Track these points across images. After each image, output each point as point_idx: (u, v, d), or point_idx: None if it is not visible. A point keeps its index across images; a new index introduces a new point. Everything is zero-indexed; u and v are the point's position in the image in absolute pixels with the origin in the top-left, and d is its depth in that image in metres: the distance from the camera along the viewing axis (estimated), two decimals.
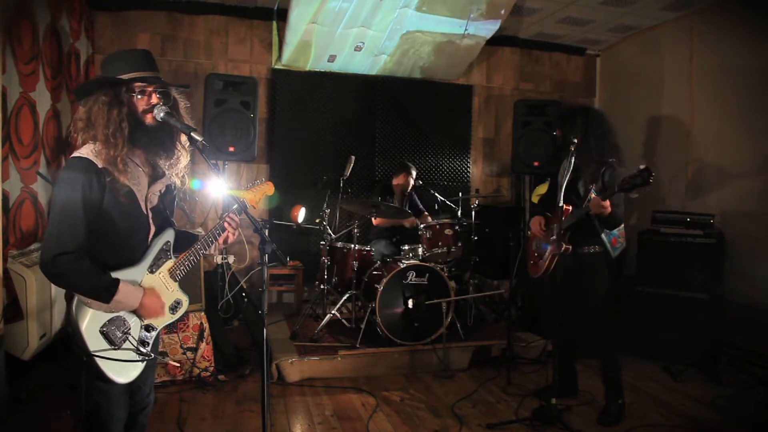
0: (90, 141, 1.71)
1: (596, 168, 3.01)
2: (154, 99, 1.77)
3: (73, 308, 1.69)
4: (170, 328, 3.44)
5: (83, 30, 4.54)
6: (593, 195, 2.83)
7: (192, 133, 1.74)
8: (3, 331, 2.88)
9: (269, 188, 2.15)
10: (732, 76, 4.49)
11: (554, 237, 2.98)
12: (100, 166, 1.67)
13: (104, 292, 1.66)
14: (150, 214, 1.84)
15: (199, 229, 4.69)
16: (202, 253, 1.92)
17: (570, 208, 2.98)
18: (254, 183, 2.13)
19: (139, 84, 1.74)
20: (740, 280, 4.26)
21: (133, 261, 1.79)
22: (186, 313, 3.45)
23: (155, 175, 1.86)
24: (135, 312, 1.78)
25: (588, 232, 3.03)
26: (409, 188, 4.86)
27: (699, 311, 3.98)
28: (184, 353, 3.47)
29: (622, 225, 3.11)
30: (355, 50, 5.03)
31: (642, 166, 2.61)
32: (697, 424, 3.12)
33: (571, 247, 2.94)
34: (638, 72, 5.56)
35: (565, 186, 2.94)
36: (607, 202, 2.75)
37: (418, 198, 5.02)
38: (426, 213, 4.88)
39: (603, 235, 3.07)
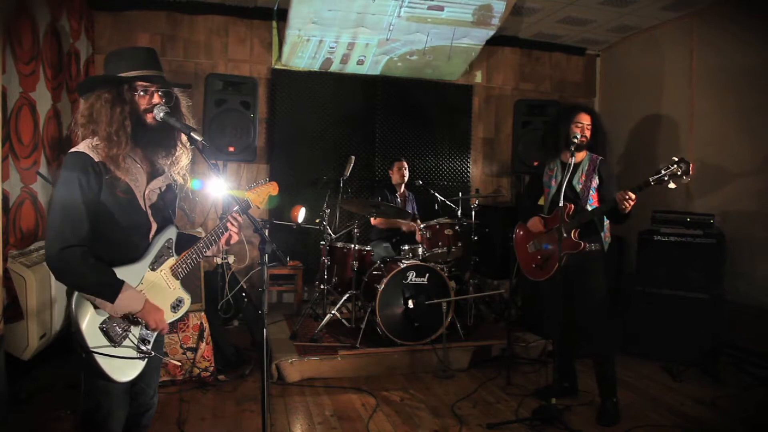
0: (89, 136, 1.71)
1: (592, 165, 3.12)
2: (156, 98, 1.77)
3: (73, 304, 1.66)
4: (170, 327, 3.43)
5: (83, 30, 4.54)
6: (628, 191, 2.80)
7: (192, 133, 1.74)
8: (3, 331, 2.88)
9: (273, 188, 2.13)
10: (732, 76, 4.50)
11: (566, 236, 2.98)
12: (96, 159, 1.67)
13: (109, 289, 1.65)
14: (149, 211, 1.83)
15: (199, 230, 4.68)
16: (205, 253, 1.91)
17: (573, 206, 3.01)
18: (258, 183, 2.10)
19: (142, 83, 1.74)
20: (740, 280, 4.26)
21: (134, 258, 1.77)
22: (186, 313, 3.44)
23: (154, 172, 1.85)
24: (135, 315, 1.76)
25: (589, 229, 3.06)
26: (404, 180, 4.82)
27: (699, 311, 3.98)
28: (184, 353, 3.47)
29: (608, 221, 3.15)
30: (357, 64, 5.05)
31: (676, 158, 2.69)
32: (697, 424, 3.11)
33: (585, 244, 2.99)
34: (638, 72, 5.56)
35: (559, 185, 3.01)
36: (635, 195, 2.79)
37: (416, 200, 4.99)
38: (417, 217, 4.69)
39: (601, 233, 3.11)
